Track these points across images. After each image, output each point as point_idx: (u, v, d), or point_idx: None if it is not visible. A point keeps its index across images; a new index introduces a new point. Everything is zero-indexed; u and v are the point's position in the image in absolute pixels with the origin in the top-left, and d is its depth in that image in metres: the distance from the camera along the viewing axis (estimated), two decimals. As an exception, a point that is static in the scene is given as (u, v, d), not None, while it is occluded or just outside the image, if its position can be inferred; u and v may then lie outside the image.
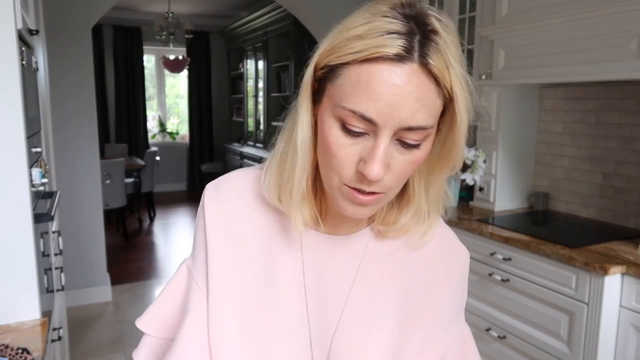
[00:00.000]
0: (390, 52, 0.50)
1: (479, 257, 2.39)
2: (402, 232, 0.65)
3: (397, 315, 0.65)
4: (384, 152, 0.53)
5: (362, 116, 0.52)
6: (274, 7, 5.42)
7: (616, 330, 1.86)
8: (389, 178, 0.55)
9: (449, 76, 0.53)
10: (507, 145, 2.69)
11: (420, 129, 0.53)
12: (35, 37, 1.92)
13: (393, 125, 0.52)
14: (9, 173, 1.23)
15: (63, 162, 3.28)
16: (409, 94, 0.51)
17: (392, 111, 0.51)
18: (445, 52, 0.52)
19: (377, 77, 0.51)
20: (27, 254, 1.26)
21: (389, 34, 0.51)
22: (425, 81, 0.52)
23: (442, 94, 0.54)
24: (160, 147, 7.55)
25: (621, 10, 1.88)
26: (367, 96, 0.51)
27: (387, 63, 0.51)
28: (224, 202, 0.67)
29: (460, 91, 0.54)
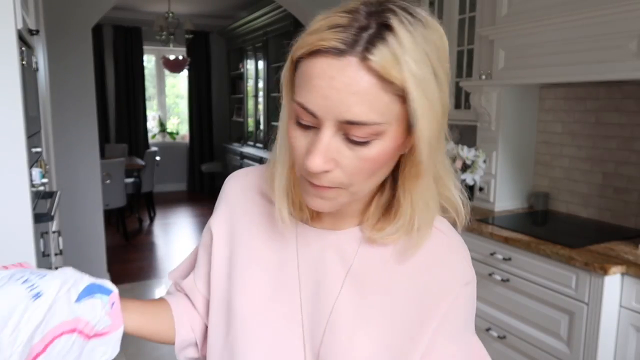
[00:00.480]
0: (328, 45, 0.50)
1: (479, 257, 2.39)
2: (390, 241, 0.63)
3: (388, 320, 0.63)
4: (325, 146, 0.53)
5: (305, 108, 0.53)
6: (274, 7, 5.42)
7: (616, 330, 1.86)
8: (339, 174, 0.55)
9: (400, 73, 0.50)
10: (507, 145, 2.69)
11: (362, 124, 0.51)
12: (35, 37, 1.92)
13: (333, 118, 0.52)
14: (9, 173, 1.23)
15: (63, 162, 3.28)
16: (345, 87, 0.50)
17: (328, 103, 0.51)
18: (396, 49, 0.50)
19: (317, 70, 0.51)
20: (27, 254, 1.26)
21: (334, 28, 0.51)
22: (364, 75, 0.50)
23: (394, 91, 0.51)
24: (160, 147, 7.55)
25: (621, 10, 1.88)
26: (308, 89, 0.52)
27: (327, 56, 0.51)
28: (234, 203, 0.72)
29: (416, 91, 0.50)
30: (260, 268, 0.68)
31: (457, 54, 2.96)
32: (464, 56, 2.91)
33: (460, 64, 2.95)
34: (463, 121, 2.98)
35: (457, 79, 2.97)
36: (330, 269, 0.65)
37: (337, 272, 0.65)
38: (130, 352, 2.90)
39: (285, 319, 0.66)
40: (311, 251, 0.67)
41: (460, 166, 2.65)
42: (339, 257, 0.65)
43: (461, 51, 2.93)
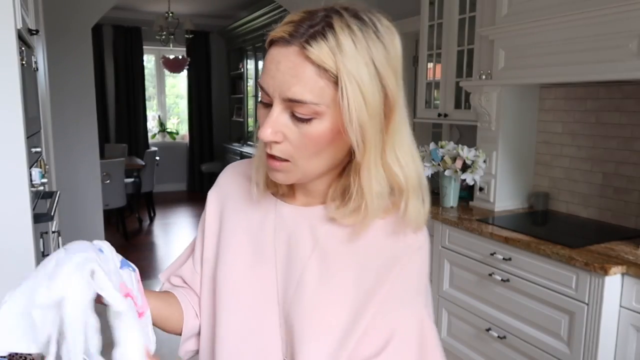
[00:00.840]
0: (278, 35, 0.62)
1: (479, 257, 2.39)
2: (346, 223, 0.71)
3: (349, 294, 0.71)
4: (274, 119, 0.63)
5: (262, 88, 0.65)
6: (274, 7, 5.42)
7: (616, 330, 1.86)
8: (287, 146, 0.65)
9: (334, 64, 0.60)
10: (507, 145, 2.69)
11: (302, 103, 0.61)
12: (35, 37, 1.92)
13: (279, 96, 0.63)
14: (9, 173, 1.23)
15: (63, 162, 3.28)
16: (287, 70, 0.61)
17: (275, 83, 0.62)
18: (332, 44, 0.60)
19: (269, 56, 0.64)
20: (27, 254, 1.26)
21: (287, 24, 0.63)
22: (302, 62, 0.60)
23: (329, 78, 0.61)
24: (160, 147, 7.54)
25: (621, 11, 1.88)
26: (264, 72, 0.64)
27: (277, 45, 0.63)
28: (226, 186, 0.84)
29: (349, 81, 0.60)
30: (242, 240, 0.78)
31: (457, 54, 2.96)
32: (464, 56, 2.91)
33: (460, 64, 2.95)
34: (463, 121, 2.98)
35: (457, 79, 2.97)
36: (301, 241, 0.74)
37: (307, 244, 0.74)
38: (130, 352, 2.90)
39: (262, 284, 0.75)
40: (286, 225, 0.76)
41: (460, 166, 2.65)
42: (309, 231, 0.74)
43: (461, 51, 2.93)
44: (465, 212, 2.68)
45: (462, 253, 2.51)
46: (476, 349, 2.47)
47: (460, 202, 2.86)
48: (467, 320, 2.52)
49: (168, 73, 7.43)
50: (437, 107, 3.19)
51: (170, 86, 8.11)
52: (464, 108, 2.95)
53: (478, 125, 2.77)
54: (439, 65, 3.12)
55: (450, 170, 2.69)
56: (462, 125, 3.27)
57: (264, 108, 0.66)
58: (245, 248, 0.78)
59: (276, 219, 0.77)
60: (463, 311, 2.53)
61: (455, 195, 2.80)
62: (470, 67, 2.85)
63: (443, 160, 2.72)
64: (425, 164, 2.84)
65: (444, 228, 2.64)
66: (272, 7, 5.48)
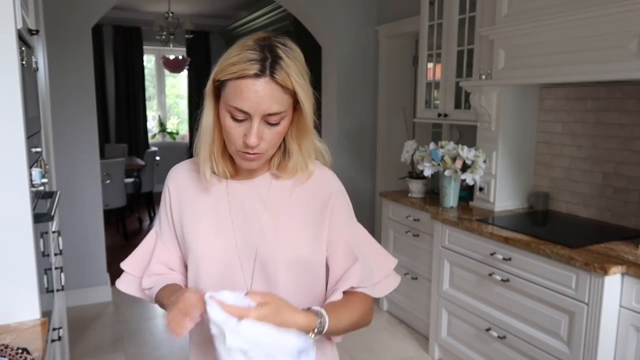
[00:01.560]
0: (251, 73, 0.88)
1: (479, 257, 2.39)
2: (290, 174, 1.01)
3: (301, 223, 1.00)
4: (257, 130, 0.90)
5: (240, 110, 0.89)
6: (274, 7, 5.42)
7: (616, 330, 1.86)
8: (263, 145, 0.93)
9: (291, 83, 0.89)
10: (507, 145, 2.69)
11: (276, 114, 0.90)
12: (35, 37, 1.92)
13: (260, 114, 0.89)
14: (9, 173, 1.23)
15: (63, 162, 3.28)
16: (266, 95, 0.88)
17: (257, 106, 0.88)
18: (286, 69, 0.89)
19: (245, 87, 0.88)
20: (27, 254, 1.26)
21: (250, 61, 0.88)
22: (274, 87, 0.88)
23: (289, 92, 0.90)
24: (160, 147, 7.54)
25: (621, 11, 1.89)
26: (241, 98, 0.89)
27: (250, 78, 0.88)
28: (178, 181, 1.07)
29: (300, 90, 0.91)
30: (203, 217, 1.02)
31: (457, 54, 2.96)
32: (464, 56, 2.91)
33: (460, 64, 2.95)
34: (463, 121, 2.98)
35: (457, 79, 2.97)
36: (253, 203, 1.01)
37: (258, 205, 1.01)
38: (130, 352, 2.90)
39: (225, 243, 1.00)
40: (238, 195, 1.02)
41: (460, 166, 2.65)
42: (257, 195, 1.02)
43: (461, 51, 2.93)
44: (465, 212, 2.68)
45: (462, 253, 2.51)
46: (476, 349, 2.47)
47: (460, 202, 2.86)
48: (467, 320, 2.52)
49: (168, 73, 7.43)
50: (437, 107, 3.19)
51: (170, 86, 8.11)
52: (464, 108, 2.95)
53: (478, 125, 2.77)
54: (439, 65, 3.12)
55: (450, 170, 2.69)
56: (462, 125, 3.27)
57: (237, 122, 0.91)
58: (206, 226, 1.01)
59: (229, 195, 1.02)
60: (463, 311, 2.53)
61: (455, 195, 2.80)
62: (470, 67, 2.85)
63: (443, 160, 2.72)
64: (425, 164, 2.84)
65: (444, 228, 2.64)
66: (272, 7, 5.48)
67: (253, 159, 0.94)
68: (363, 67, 4.13)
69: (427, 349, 2.87)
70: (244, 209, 1.01)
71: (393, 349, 2.93)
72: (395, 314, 3.30)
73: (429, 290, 2.83)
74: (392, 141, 4.08)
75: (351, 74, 4.09)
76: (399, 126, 4.02)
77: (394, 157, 3.89)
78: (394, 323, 3.23)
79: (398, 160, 3.46)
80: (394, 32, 3.90)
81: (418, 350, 2.90)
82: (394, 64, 4.07)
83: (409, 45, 4.09)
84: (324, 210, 1.02)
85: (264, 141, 0.92)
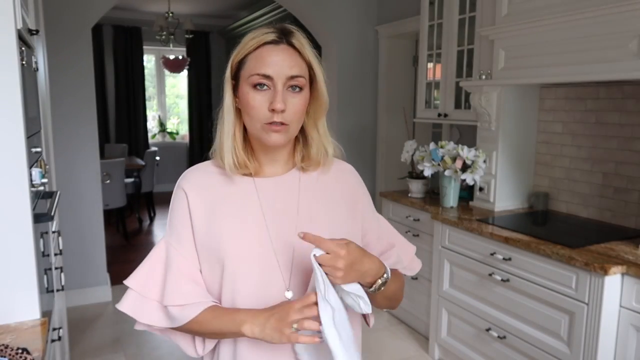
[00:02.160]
0: (269, 39, 0.93)
1: (479, 257, 2.39)
2: (315, 164, 1.03)
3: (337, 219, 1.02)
4: (282, 94, 0.91)
5: (264, 75, 0.91)
6: (274, 7, 5.42)
7: (616, 330, 1.86)
8: (288, 114, 0.92)
9: (306, 52, 0.95)
10: (507, 145, 2.69)
11: (298, 77, 0.93)
12: (35, 37, 1.92)
13: (282, 77, 0.91)
14: (9, 173, 1.23)
15: (63, 162, 3.28)
16: (287, 58, 0.92)
17: (279, 69, 0.91)
18: (301, 40, 0.95)
19: (266, 53, 0.92)
20: (27, 254, 1.26)
21: (266, 34, 0.93)
22: (293, 52, 0.94)
23: (305, 62, 0.95)
24: (160, 147, 7.54)
25: (621, 10, 1.88)
26: (263, 63, 0.92)
27: (270, 45, 0.93)
28: (197, 184, 1.01)
29: (315, 61, 0.96)
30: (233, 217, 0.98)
31: (457, 54, 2.96)
32: (464, 56, 2.91)
33: (460, 64, 2.95)
34: (463, 121, 2.98)
35: (457, 79, 2.97)
36: (285, 200, 1.00)
37: (290, 201, 1.00)
38: (130, 352, 2.90)
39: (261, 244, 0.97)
40: (267, 193, 1.00)
41: (460, 166, 2.65)
42: (288, 191, 1.01)
43: (461, 51, 2.93)
44: (465, 212, 2.68)
45: (462, 253, 2.51)
46: (476, 349, 2.47)
47: (460, 202, 2.86)
48: (467, 320, 2.52)
49: (168, 73, 7.43)
50: (437, 107, 3.19)
51: (170, 86, 8.11)
52: (464, 108, 2.95)
53: (478, 125, 2.77)
54: (439, 65, 3.12)
55: (450, 170, 2.69)
56: (462, 125, 3.27)
57: (259, 92, 0.92)
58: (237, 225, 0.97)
59: (258, 192, 1.00)
60: (463, 311, 2.53)
61: (455, 195, 2.80)
62: (470, 67, 2.85)
63: (443, 160, 2.72)
64: (425, 164, 2.84)
65: (444, 228, 2.64)
66: (272, 7, 5.48)
67: (279, 129, 0.92)
68: (363, 67, 4.13)
69: (427, 349, 2.87)
70: (276, 205, 0.99)
71: (393, 349, 2.93)
72: (395, 314, 3.30)
73: (429, 290, 2.83)
74: (392, 141, 4.08)
75: (351, 74, 4.09)
76: (399, 126, 4.02)
77: (394, 157, 3.89)
78: (394, 323, 3.23)
79: (398, 160, 3.46)
80: (394, 32, 3.90)
81: (418, 350, 2.90)
82: (394, 64, 4.07)
83: (409, 45, 4.09)
84: (355, 203, 1.06)
85: (289, 110, 0.92)
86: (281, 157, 1.02)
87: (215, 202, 0.99)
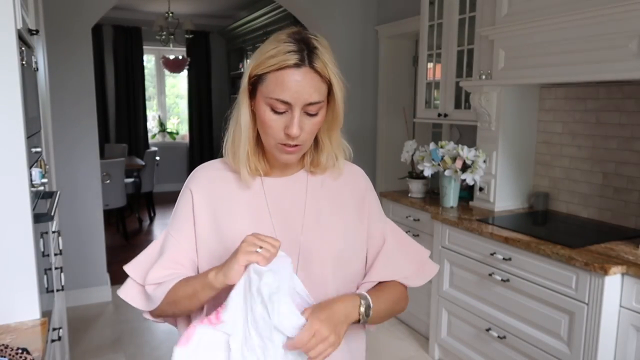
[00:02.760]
0: (291, 62, 0.89)
1: (479, 257, 2.39)
2: (323, 169, 1.04)
3: (344, 221, 1.04)
4: (299, 120, 0.91)
5: (282, 101, 0.90)
6: (274, 7, 5.42)
7: (616, 330, 1.86)
8: (303, 135, 0.93)
9: (328, 72, 0.92)
10: (507, 145, 2.69)
11: (316, 103, 0.92)
12: (35, 37, 1.92)
13: (301, 103, 0.90)
14: (9, 173, 1.23)
15: (63, 162, 3.28)
16: (307, 84, 0.90)
17: (299, 96, 0.90)
18: (323, 58, 0.91)
19: (287, 77, 0.89)
20: (27, 254, 1.26)
21: (288, 53, 0.89)
22: (314, 76, 0.91)
23: (325, 82, 0.93)
24: (160, 147, 7.54)
25: (621, 11, 1.88)
26: (283, 89, 0.90)
27: (291, 69, 0.89)
28: (206, 183, 1.04)
29: (335, 80, 0.94)
30: (241, 215, 1.00)
31: (457, 54, 2.96)
32: (464, 56, 2.91)
33: (460, 64, 2.95)
34: (463, 121, 2.98)
35: (457, 79, 2.97)
36: (292, 200, 1.02)
37: (298, 201, 1.02)
38: (130, 352, 2.90)
39: None
40: (275, 193, 1.02)
41: (460, 166, 2.65)
42: (296, 192, 1.03)
43: (461, 51, 2.93)
44: (465, 212, 2.68)
45: (462, 253, 2.51)
46: (476, 349, 2.47)
47: (460, 202, 2.86)
48: (467, 320, 2.52)
49: (168, 73, 7.43)
50: (437, 107, 3.19)
51: (170, 86, 8.11)
52: (464, 108, 2.95)
53: (478, 125, 2.77)
54: (439, 65, 3.12)
55: (450, 170, 2.69)
56: (462, 125, 3.27)
57: (277, 115, 0.92)
58: (244, 223, 0.99)
59: (266, 192, 1.02)
60: (463, 311, 2.53)
61: (455, 195, 2.80)
62: (470, 67, 2.85)
63: (443, 160, 2.72)
64: (425, 164, 2.84)
65: (444, 228, 2.64)
66: (272, 7, 5.48)
67: (293, 151, 0.95)
68: (363, 67, 4.13)
69: (427, 349, 2.87)
70: (283, 205, 1.01)
71: (393, 349, 2.93)
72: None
73: (429, 290, 2.83)
74: (392, 141, 4.08)
75: (351, 74, 4.09)
76: (399, 126, 4.02)
77: (394, 157, 3.89)
78: (394, 323, 3.23)
79: (398, 160, 3.46)
80: (394, 32, 3.90)
81: (418, 350, 2.90)
82: (394, 64, 4.07)
83: (409, 45, 4.09)
84: (362, 206, 1.07)
85: (304, 132, 0.93)
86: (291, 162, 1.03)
87: (223, 200, 1.01)
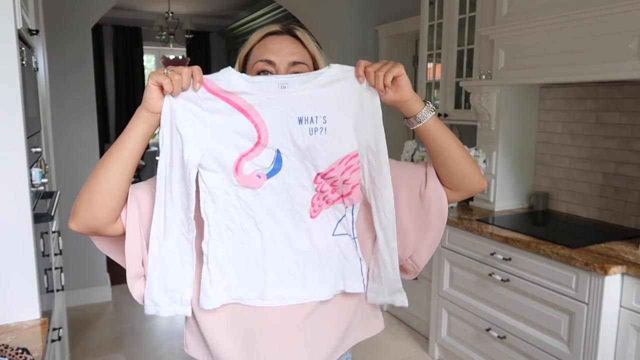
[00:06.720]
0: (273, 29, 1.01)
1: (479, 257, 2.39)
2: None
3: None
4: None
5: (267, 60, 0.98)
6: (274, 7, 5.42)
7: (616, 330, 1.86)
8: None
9: (310, 45, 1.01)
10: (507, 145, 2.69)
11: (300, 63, 0.99)
12: (35, 37, 1.92)
13: (284, 62, 0.98)
14: (9, 173, 1.23)
15: (63, 162, 3.28)
16: (288, 45, 0.99)
17: (281, 55, 0.98)
18: (304, 33, 1.02)
19: (270, 41, 1.00)
20: (27, 254, 1.26)
21: (273, 26, 1.02)
22: (294, 41, 1.00)
23: (308, 52, 1.01)
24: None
25: (621, 10, 1.88)
26: (266, 50, 0.99)
27: (272, 35, 1.01)
28: None
29: (318, 55, 1.02)
30: None
31: (457, 54, 2.96)
32: (464, 56, 2.91)
33: (460, 64, 2.95)
34: (463, 121, 2.98)
35: (457, 79, 2.97)
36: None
37: None
38: (130, 352, 2.90)
39: None
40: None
41: (460, 166, 2.64)
42: None
43: (461, 51, 2.93)
44: (465, 212, 2.68)
45: (462, 253, 2.51)
46: (476, 349, 2.47)
47: (460, 202, 2.86)
48: (467, 320, 2.52)
49: (168, 73, 7.42)
50: (437, 107, 3.19)
51: (170, 86, 8.10)
52: (464, 108, 2.95)
53: (478, 125, 2.77)
54: (439, 65, 3.12)
55: (450, 170, 2.69)
56: (462, 125, 3.27)
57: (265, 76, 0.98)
58: None
59: None
60: (463, 311, 2.53)
61: (455, 195, 2.80)
62: (470, 67, 2.85)
63: (443, 160, 2.72)
64: (425, 164, 2.83)
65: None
66: (272, 7, 5.48)
67: None
68: (363, 67, 4.12)
69: (427, 349, 2.87)
70: None
71: (393, 349, 2.93)
72: (395, 314, 3.30)
73: (429, 290, 2.83)
74: (392, 141, 4.06)
75: (351, 74, 4.09)
76: (399, 126, 4.02)
77: (394, 157, 3.86)
78: (394, 323, 3.23)
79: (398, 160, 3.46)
80: (394, 32, 3.90)
81: (418, 350, 2.90)
82: (394, 64, 4.07)
83: (409, 45, 4.09)
84: None
85: None
86: None
87: None
